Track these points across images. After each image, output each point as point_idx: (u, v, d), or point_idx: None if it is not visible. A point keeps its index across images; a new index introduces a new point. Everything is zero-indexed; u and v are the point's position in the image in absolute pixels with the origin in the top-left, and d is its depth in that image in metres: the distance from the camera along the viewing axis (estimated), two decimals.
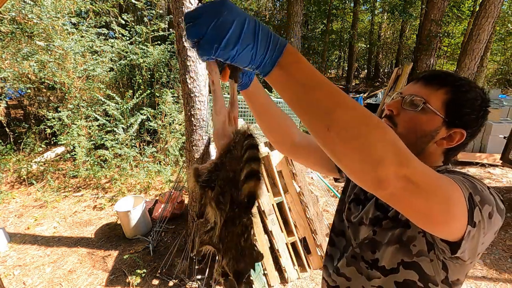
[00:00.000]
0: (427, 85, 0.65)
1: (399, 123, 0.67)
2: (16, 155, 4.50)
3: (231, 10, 0.37)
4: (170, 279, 2.43)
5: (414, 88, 0.67)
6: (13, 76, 4.07)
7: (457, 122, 0.63)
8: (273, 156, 2.26)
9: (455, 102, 0.63)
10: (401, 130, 0.66)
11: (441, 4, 6.05)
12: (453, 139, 0.64)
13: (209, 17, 0.36)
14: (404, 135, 0.63)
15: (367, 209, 0.73)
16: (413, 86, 0.68)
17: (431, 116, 0.64)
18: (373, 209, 0.71)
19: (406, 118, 0.66)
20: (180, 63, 2.27)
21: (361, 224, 0.73)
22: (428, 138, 0.65)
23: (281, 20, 9.09)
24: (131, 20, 4.80)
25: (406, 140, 0.55)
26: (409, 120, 0.65)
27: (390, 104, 0.69)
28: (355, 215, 0.76)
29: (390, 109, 0.69)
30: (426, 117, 0.64)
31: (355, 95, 8.16)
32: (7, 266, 2.67)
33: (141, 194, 3.94)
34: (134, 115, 4.43)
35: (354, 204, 0.78)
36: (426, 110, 0.64)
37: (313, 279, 2.40)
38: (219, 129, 0.59)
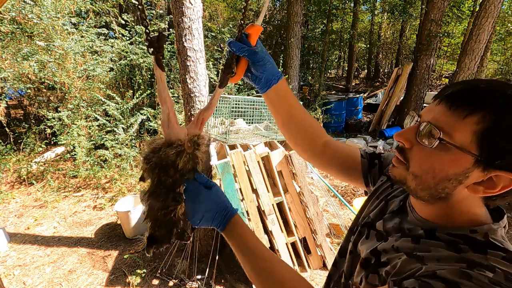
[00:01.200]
0: (452, 109, 0.45)
1: (412, 159, 0.50)
2: (16, 155, 4.50)
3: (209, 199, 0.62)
4: (170, 279, 2.43)
5: (435, 111, 0.48)
6: (13, 76, 4.07)
7: (499, 162, 0.43)
8: (273, 156, 2.26)
9: (494, 133, 0.42)
10: (414, 169, 0.50)
11: (441, 4, 6.04)
12: (495, 185, 0.44)
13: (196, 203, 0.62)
14: (418, 176, 0.49)
15: (369, 241, 0.62)
16: (434, 108, 0.48)
17: (456, 154, 0.45)
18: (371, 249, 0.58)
19: (422, 155, 0.49)
20: (180, 63, 2.27)
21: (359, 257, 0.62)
22: (453, 183, 0.46)
23: (281, 20, 9.08)
24: (131, 20, 4.80)
25: (421, 183, 0.49)
26: (426, 158, 0.48)
27: (402, 134, 0.52)
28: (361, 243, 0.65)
29: (401, 141, 0.52)
30: (449, 156, 0.45)
31: (355, 95, 8.16)
32: (7, 266, 2.67)
33: None
34: (134, 115, 4.43)
35: (366, 230, 0.65)
36: (448, 146, 0.45)
37: (313, 279, 2.40)
38: (165, 120, 0.63)
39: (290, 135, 0.79)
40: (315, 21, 9.94)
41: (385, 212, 0.64)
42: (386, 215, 0.62)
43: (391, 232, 0.58)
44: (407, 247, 0.51)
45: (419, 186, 0.49)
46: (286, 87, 0.73)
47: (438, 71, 13.89)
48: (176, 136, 0.62)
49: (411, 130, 0.51)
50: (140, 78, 4.78)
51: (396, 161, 0.54)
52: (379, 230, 0.61)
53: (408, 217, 0.57)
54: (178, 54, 2.26)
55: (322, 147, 0.78)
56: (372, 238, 0.61)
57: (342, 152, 0.78)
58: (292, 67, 6.48)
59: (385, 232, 0.59)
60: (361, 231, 0.66)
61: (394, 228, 0.58)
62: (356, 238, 0.67)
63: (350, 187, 4.12)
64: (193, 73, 2.28)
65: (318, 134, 0.79)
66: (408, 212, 0.58)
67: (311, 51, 9.16)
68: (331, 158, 0.78)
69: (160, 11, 6.29)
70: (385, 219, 0.61)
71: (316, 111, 5.44)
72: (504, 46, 10.95)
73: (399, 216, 0.60)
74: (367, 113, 8.80)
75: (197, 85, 2.31)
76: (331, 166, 0.79)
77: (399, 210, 0.61)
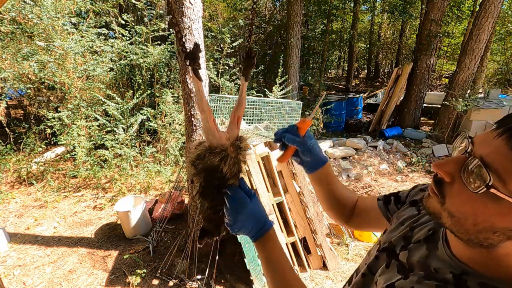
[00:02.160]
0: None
1: (450, 197, 0.42)
2: (16, 155, 4.50)
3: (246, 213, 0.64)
4: (170, 279, 2.43)
5: (492, 146, 0.37)
6: (13, 76, 4.07)
7: None
8: (273, 156, 2.26)
9: None
10: (451, 208, 0.41)
11: (441, 4, 6.04)
12: None
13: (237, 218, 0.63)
14: (455, 217, 0.41)
15: (389, 272, 0.55)
16: (492, 140, 0.38)
17: (509, 207, 0.35)
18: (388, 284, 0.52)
19: (463, 197, 0.39)
20: (180, 63, 2.27)
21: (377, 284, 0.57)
22: (499, 236, 0.38)
23: (281, 20, 9.08)
24: (131, 20, 4.80)
25: (458, 225, 0.41)
26: (466, 202, 0.39)
27: (442, 165, 0.42)
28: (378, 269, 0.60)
29: (440, 173, 0.43)
30: (500, 207, 0.36)
31: (355, 95, 8.16)
32: (7, 266, 2.67)
33: (141, 194, 3.94)
34: (134, 115, 4.43)
35: (386, 257, 0.59)
36: (499, 197, 0.36)
37: (313, 279, 2.40)
38: (206, 127, 0.65)
39: (327, 206, 0.85)
40: (315, 21, 9.94)
41: (410, 240, 0.57)
42: (412, 245, 0.55)
43: (415, 267, 0.51)
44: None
45: (455, 228, 0.42)
46: (329, 170, 0.80)
47: (438, 71, 13.89)
48: (218, 141, 0.65)
49: (455, 163, 0.41)
50: (140, 78, 4.78)
51: (432, 192, 0.45)
52: (402, 262, 0.54)
53: (438, 251, 0.50)
54: (178, 54, 2.26)
55: (350, 215, 0.83)
56: (393, 269, 0.54)
57: (366, 212, 0.81)
58: (292, 67, 6.48)
59: (408, 266, 0.52)
60: (379, 257, 0.60)
61: (419, 263, 0.51)
62: (372, 263, 0.61)
63: (350, 187, 4.12)
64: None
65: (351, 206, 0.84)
66: (440, 245, 0.50)
67: (311, 51, 9.16)
68: (360, 223, 0.83)
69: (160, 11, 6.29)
70: (411, 250, 0.54)
71: (316, 111, 5.44)
72: (504, 46, 10.95)
73: (428, 247, 0.52)
74: (367, 113, 8.80)
75: None
76: (362, 227, 0.85)
77: (428, 239, 0.54)
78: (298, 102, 2.56)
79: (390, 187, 4.23)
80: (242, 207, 0.63)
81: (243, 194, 0.64)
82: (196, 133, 2.42)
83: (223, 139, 0.65)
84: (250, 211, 0.63)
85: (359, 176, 4.50)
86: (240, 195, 0.64)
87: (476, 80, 6.98)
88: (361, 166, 4.82)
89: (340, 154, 5.10)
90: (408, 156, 5.17)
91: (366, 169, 4.69)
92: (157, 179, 4.27)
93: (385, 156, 5.14)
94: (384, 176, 4.57)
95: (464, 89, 5.74)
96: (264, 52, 9.13)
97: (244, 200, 0.63)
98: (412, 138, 6.18)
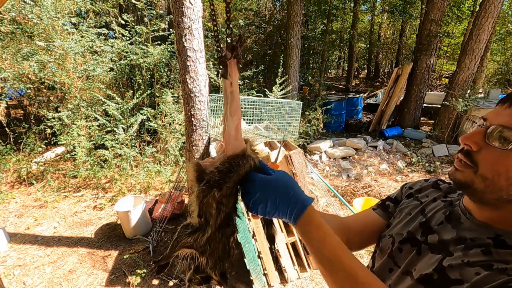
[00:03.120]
0: None
1: (481, 162, 0.50)
2: (16, 155, 4.50)
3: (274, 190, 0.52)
4: (170, 279, 2.43)
5: (505, 115, 0.48)
6: (13, 76, 4.07)
7: None
8: (273, 156, 2.26)
9: None
10: (484, 171, 0.49)
11: (441, 4, 6.05)
12: None
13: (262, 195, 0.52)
14: (489, 179, 0.48)
15: (423, 257, 0.57)
16: (503, 111, 0.49)
17: None
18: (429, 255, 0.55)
19: (493, 158, 0.48)
20: (180, 63, 2.27)
21: (408, 274, 0.57)
22: None
23: (281, 20, 9.08)
24: (131, 20, 4.80)
25: (491, 184, 0.48)
26: (498, 160, 0.48)
27: (468, 137, 0.51)
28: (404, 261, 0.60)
29: (467, 144, 0.51)
30: None
31: (355, 95, 8.16)
32: (7, 266, 2.67)
33: (141, 194, 3.94)
34: (134, 115, 4.43)
35: (409, 245, 0.61)
36: None
37: (313, 279, 2.40)
38: (232, 132, 0.57)
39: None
40: (315, 21, 9.93)
41: (429, 225, 0.61)
42: (437, 227, 0.59)
43: (450, 243, 0.54)
44: (481, 261, 0.48)
45: (489, 188, 0.48)
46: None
47: (438, 71, 13.89)
48: (242, 146, 0.58)
49: (478, 134, 0.50)
50: (140, 78, 4.78)
51: (460, 165, 0.52)
52: (432, 243, 0.57)
53: (465, 225, 0.55)
54: (178, 54, 2.26)
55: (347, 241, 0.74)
56: (426, 253, 0.56)
57: (364, 230, 0.75)
58: (292, 67, 6.47)
59: (441, 244, 0.55)
60: (401, 249, 0.61)
61: (453, 240, 0.54)
62: (396, 256, 0.61)
63: (350, 187, 4.12)
64: (193, 73, 2.28)
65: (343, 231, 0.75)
66: (463, 219, 0.56)
67: (311, 51, 9.15)
68: (361, 243, 0.77)
69: (160, 11, 6.30)
70: (438, 231, 0.58)
71: (316, 111, 5.44)
72: (504, 46, 10.95)
73: (453, 225, 0.57)
74: (367, 113, 8.80)
75: (197, 85, 2.31)
76: (366, 245, 0.78)
77: (450, 219, 0.58)
78: (298, 102, 2.56)
79: (390, 187, 4.23)
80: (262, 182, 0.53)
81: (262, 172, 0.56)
82: (196, 133, 2.42)
83: (244, 142, 0.59)
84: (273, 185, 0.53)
85: (359, 176, 4.50)
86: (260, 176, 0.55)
87: (476, 80, 6.99)
88: (361, 166, 4.82)
89: (340, 154, 5.10)
90: (408, 156, 5.17)
91: (366, 169, 4.69)
92: (157, 179, 4.27)
93: (385, 156, 5.14)
94: (384, 176, 4.57)
95: (464, 89, 5.74)
96: (264, 52, 9.12)
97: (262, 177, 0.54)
98: (412, 138, 6.18)
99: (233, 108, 0.57)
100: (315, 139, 5.74)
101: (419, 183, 0.75)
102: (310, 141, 5.57)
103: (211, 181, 0.54)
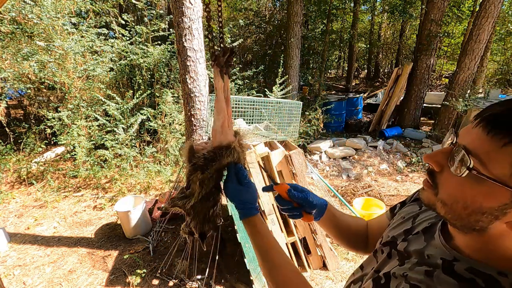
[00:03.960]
0: (490, 135, 0.39)
1: (441, 185, 0.46)
2: (16, 155, 4.50)
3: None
4: (170, 279, 2.43)
5: (472, 134, 0.42)
6: (13, 76, 4.08)
7: None
8: (273, 156, 2.26)
9: None
10: (443, 196, 0.45)
11: (441, 4, 6.04)
12: None
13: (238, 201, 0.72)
14: (448, 205, 0.44)
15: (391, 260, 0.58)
16: (471, 130, 0.42)
17: (491, 186, 0.39)
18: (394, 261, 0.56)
19: (452, 182, 0.43)
20: (180, 63, 2.27)
21: (377, 272, 0.59)
22: (488, 217, 0.41)
23: (281, 20, 9.08)
24: (131, 20, 4.80)
25: (451, 212, 0.44)
26: (456, 186, 0.43)
27: (432, 156, 0.46)
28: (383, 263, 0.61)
29: (430, 164, 0.47)
30: (483, 188, 0.40)
31: (355, 95, 8.16)
32: (7, 266, 2.68)
33: (141, 194, 3.94)
34: (134, 115, 4.43)
35: (388, 248, 0.62)
36: (482, 178, 0.39)
37: (313, 279, 2.40)
38: (218, 127, 0.69)
39: (344, 243, 0.87)
40: (315, 21, 9.93)
41: (411, 232, 0.60)
42: (411, 236, 0.59)
43: (411, 254, 0.54)
44: (416, 279, 0.47)
45: (449, 215, 0.45)
46: (332, 211, 0.83)
47: (438, 71, 13.89)
48: (229, 140, 0.71)
49: (443, 153, 0.46)
50: (140, 78, 4.78)
51: (425, 184, 0.49)
52: (400, 250, 0.57)
53: (434, 241, 0.53)
54: (178, 54, 2.26)
55: (366, 241, 0.84)
56: (394, 258, 0.58)
57: (380, 232, 0.77)
58: (292, 67, 6.47)
59: (406, 253, 0.55)
60: (383, 250, 0.63)
61: (415, 252, 0.54)
62: (379, 256, 0.63)
63: (350, 187, 4.12)
64: (193, 73, 2.28)
65: (363, 232, 0.85)
66: (436, 236, 0.53)
67: (311, 51, 9.16)
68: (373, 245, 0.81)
69: (161, 11, 6.29)
70: (409, 240, 0.58)
71: (316, 111, 5.44)
72: (504, 46, 10.95)
73: (425, 238, 0.55)
74: (367, 113, 8.80)
75: (197, 85, 2.32)
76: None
77: (426, 231, 0.57)
78: (298, 102, 2.56)
79: (390, 187, 4.23)
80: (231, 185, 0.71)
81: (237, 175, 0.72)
82: (196, 133, 2.42)
83: (232, 137, 0.71)
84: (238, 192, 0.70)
85: (359, 176, 4.50)
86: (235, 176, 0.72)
87: (476, 80, 6.98)
88: (361, 166, 4.82)
89: (340, 154, 5.10)
90: (408, 156, 5.17)
91: (366, 169, 4.69)
92: (157, 179, 4.27)
93: (385, 156, 5.14)
94: (384, 176, 4.57)
95: (464, 89, 5.74)
96: (264, 52, 9.12)
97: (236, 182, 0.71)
98: (412, 138, 6.18)
99: (217, 108, 0.70)
100: (315, 139, 5.74)
101: None
102: (310, 141, 5.57)
103: (196, 165, 0.67)
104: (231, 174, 0.72)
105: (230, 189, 0.71)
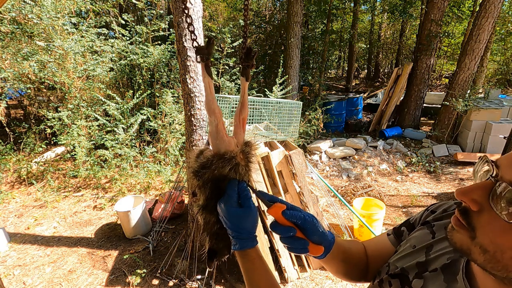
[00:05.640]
0: None
1: (481, 228, 0.37)
2: (16, 155, 4.50)
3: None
4: (170, 279, 2.43)
5: None
6: (13, 76, 4.08)
7: None
8: (273, 156, 2.26)
9: None
10: (482, 241, 0.36)
11: (441, 4, 6.04)
12: None
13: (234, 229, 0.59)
14: (489, 252, 0.36)
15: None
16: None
17: None
18: None
19: (496, 227, 0.35)
20: (180, 63, 2.27)
21: None
22: None
23: (281, 20, 9.08)
24: (131, 20, 4.80)
25: (493, 260, 0.36)
26: (502, 233, 0.34)
27: (467, 192, 0.37)
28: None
29: (465, 201, 0.38)
30: None
31: (355, 95, 8.16)
32: (7, 266, 2.67)
33: (141, 194, 3.94)
34: (134, 115, 4.43)
35: (399, 284, 0.54)
36: None
37: (313, 279, 2.40)
38: (213, 131, 0.60)
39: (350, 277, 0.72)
40: (315, 21, 9.93)
41: (426, 267, 0.51)
42: (428, 273, 0.50)
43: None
44: None
45: (490, 264, 0.36)
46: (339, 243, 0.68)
47: (438, 71, 13.90)
48: (226, 147, 0.59)
49: (481, 189, 0.37)
50: (140, 78, 4.78)
51: (457, 224, 0.40)
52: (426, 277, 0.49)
53: (458, 285, 0.44)
54: (178, 54, 2.26)
55: (367, 267, 0.72)
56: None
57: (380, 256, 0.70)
58: (292, 67, 6.47)
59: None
60: (392, 282, 0.55)
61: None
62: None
63: (350, 187, 4.12)
64: (193, 73, 2.28)
65: (364, 257, 0.73)
66: (459, 279, 0.45)
67: (311, 51, 9.15)
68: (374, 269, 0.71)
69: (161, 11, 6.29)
70: (426, 278, 0.49)
71: (316, 111, 5.44)
72: (504, 46, 10.95)
73: (445, 279, 0.47)
74: (367, 113, 8.80)
75: (197, 85, 2.31)
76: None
77: (446, 270, 0.48)
78: (298, 102, 2.56)
79: (390, 187, 4.23)
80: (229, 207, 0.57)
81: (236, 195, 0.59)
82: (196, 133, 2.42)
83: (232, 144, 0.60)
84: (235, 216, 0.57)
85: (359, 176, 4.51)
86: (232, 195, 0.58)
87: (476, 80, 6.99)
88: (361, 166, 4.82)
89: (340, 154, 5.10)
90: (408, 156, 5.17)
91: (366, 169, 4.69)
92: (157, 179, 4.27)
93: (385, 156, 5.14)
94: (384, 176, 4.57)
95: (464, 89, 5.74)
96: (264, 52, 9.12)
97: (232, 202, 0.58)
98: (412, 138, 6.18)
99: (206, 109, 0.62)
100: (315, 139, 5.74)
101: (442, 207, 0.61)
102: (310, 141, 5.57)
103: (194, 170, 0.60)
104: (230, 193, 0.58)
105: (227, 211, 0.57)
